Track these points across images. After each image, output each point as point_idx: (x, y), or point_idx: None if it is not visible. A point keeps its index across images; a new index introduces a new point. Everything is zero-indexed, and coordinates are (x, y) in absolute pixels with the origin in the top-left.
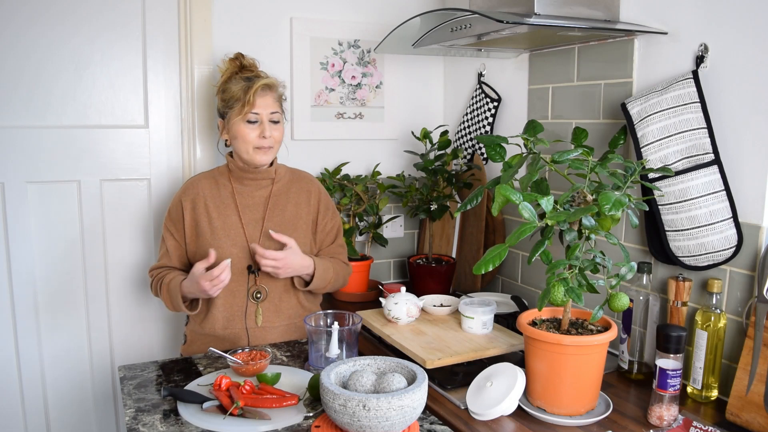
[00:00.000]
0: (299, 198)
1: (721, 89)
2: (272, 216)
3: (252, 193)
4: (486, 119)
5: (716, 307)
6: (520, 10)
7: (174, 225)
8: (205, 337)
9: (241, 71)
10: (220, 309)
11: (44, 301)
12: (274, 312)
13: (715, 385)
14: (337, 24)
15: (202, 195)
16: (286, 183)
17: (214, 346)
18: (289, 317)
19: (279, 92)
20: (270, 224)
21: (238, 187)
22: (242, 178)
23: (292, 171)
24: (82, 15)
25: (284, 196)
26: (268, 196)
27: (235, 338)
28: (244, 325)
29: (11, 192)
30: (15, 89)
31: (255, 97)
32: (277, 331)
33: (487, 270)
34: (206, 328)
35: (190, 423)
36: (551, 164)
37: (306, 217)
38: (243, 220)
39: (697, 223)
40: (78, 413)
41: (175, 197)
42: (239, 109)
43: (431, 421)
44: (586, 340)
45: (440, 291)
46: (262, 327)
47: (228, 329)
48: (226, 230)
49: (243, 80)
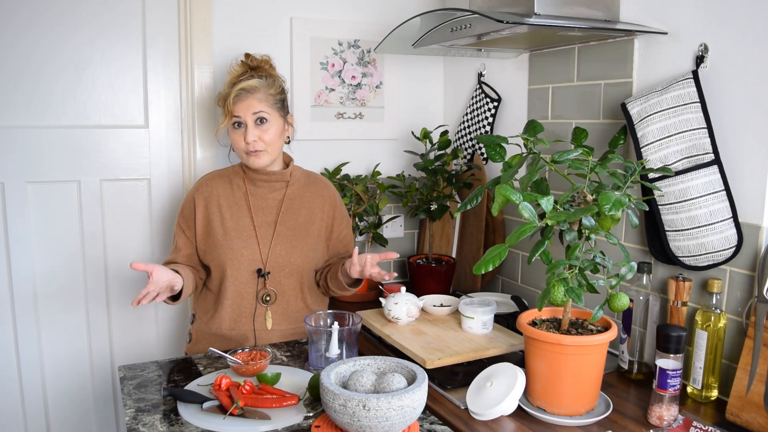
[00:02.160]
0: (313, 203)
1: (721, 89)
2: (285, 220)
3: (266, 195)
4: (486, 119)
5: (716, 307)
6: (520, 10)
7: (186, 222)
8: (211, 337)
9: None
10: (227, 310)
11: (44, 301)
12: (283, 315)
13: (715, 385)
14: (337, 24)
15: (216, 194)
16: (300, 186)
17: (221, 346)
18: (296, 320)
19: (267, 92)
20: (282, 228)
21: (251, 189)
22: (256, 179)
23: (307, 174)
24: (82, 15)
25: (298, 200)
26: (282, 199)
27: (241, 339)
28: (252, 326)
29: (11, 192)
30: (15, 89)
31: (233, 104)
32: (284, 334)
33: (487, 270)
34: (213, 327)
35: (190, 423)
36: (551, 164)
37: (319, 223)
38: (255, 222)
39: (697, 223)
40: (78, 413)
41: (189, 194)
42: (223, 117)
43: (431, 421)
44: (586, 340)
45: (440, 291)
46: (271, 330)
47: (235, 330)
48: (238, 231)
49: (230, 86)
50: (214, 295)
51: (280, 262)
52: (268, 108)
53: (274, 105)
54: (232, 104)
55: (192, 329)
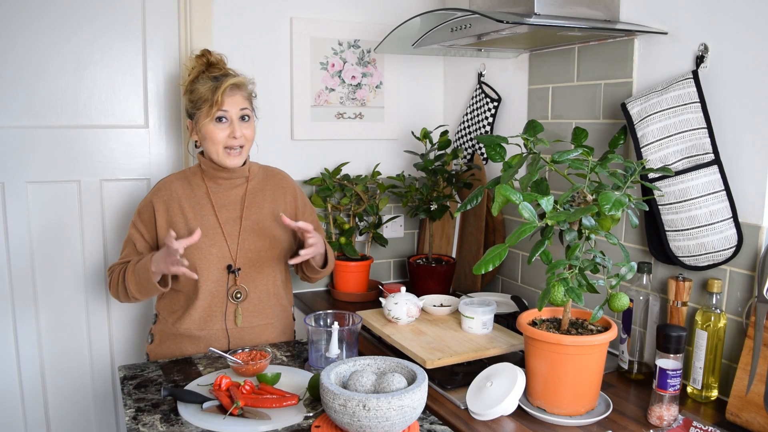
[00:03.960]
0: (275, 195)
1: (721, 89)
2: (250, 214)
3: (227, 192)
4: (486, 119)
5: (716, 307)
6: (520, 10)
7: (145, 226)
8: (178, 337)
9: (208, 69)
10: (198, 310)
11: (44, 301)
12: (254, 312)
13: (715, 385)
14: (337, 24)
15: (176, 196)
16: (260, 180)
17: (189, 346)
18: (267, 317)
19: (249, 90)
20: (248, 222)
21: (212, 187)
22: (216, 177)
23: (265, 168)
24: (83, 15)
25: (260, 194)
26: (244, 194)
27: (212, 339)
28: (223, 325)
29: (11, 192)
30: (15, 89)
31: (223, 96)
32: (255, 331)
33: (487, 270)
34: (181, 328)
35: (190, 423)
36: (551, 164)
37: (284, 214)
38: (220, 219)
39: (697, 223)
40: (78, 413)
41: (145, 199)
42: (207, 110)
43: (431, 421)
44: (586, 340)
45: (440, 291)
46: (241, 327)
47: (204, 330)
48: (204, 230)
49: (210, 80)
50: (183, 296)
51: (250, 257)
52: (249, 106)
53: (251, 104)
54: (222, 98)
55: (154, 329)
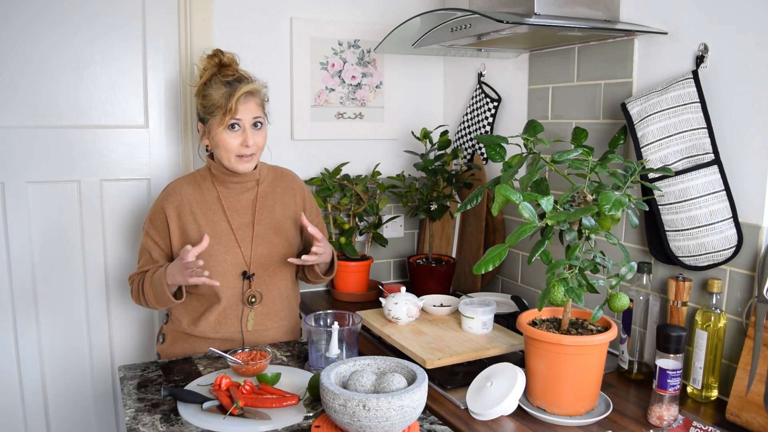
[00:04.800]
0: (285, 198)
1: (721, 89)
2: (261, 218)
3: (238, 197)
4: (486, 119)
5: (716, 307)
6: (520, 10)
7: (158, 233)
8: (192, 338)
9: (220, 70)
10: (214, 314)
11: (44, 301)
12: (267, 315)
13: (715, 385)
14: (337, 24)
15: (187, 201)
16: (270, 183)
17: (203, 347)
18: (280, 318)
19: (262, 96)
20: (260, 227)
21: (223, 191)
22: (227, 182)
23: (274, 170)
24: (82, 15)
25: (271, 197)
26: (255, 198)
27: (226, 342)
28: (238, 328)
29: (11, 192)
30: (15, 89)
31: (237, 105)
32: (269, 333)
33: (487, 270)
34: (196, 331)
35: (190, 423)
36: (551, 164)
37: (294, 216)
38: (233, 225)
39: (697, 223)
40: (78, 413)
41: (156, 204)
42: (221, 117)
43: (431, 421)
44: (586, 340)
45: (440, 291)
46: (254, 330)
47: (220, 333)
48: (217, 237)
49: (224, 86)
50: (201, 300)
51: (263, 261)
52: (262, 113)
53: (264, 110)
54: (236, 106)
55: (165, 329)
